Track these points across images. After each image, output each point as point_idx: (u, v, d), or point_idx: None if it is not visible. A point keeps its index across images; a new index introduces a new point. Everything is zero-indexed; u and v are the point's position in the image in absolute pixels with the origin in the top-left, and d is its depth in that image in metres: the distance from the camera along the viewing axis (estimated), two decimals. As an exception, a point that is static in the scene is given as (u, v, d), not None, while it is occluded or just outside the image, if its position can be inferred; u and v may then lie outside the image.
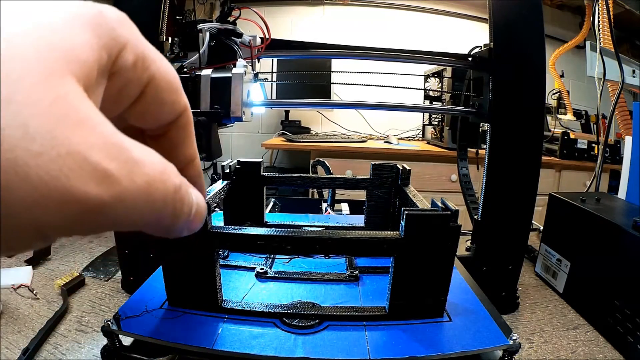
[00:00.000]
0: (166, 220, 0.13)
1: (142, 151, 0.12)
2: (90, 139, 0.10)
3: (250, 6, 0.52)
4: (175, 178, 0.13)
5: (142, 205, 0.12)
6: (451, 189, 1.80)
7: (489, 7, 0.55)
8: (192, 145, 0.18)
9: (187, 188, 0.14)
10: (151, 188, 0.12)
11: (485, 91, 0.56)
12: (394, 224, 0.50)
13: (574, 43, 1.77)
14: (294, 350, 0.29)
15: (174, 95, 0.16)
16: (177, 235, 0.15)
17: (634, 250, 0.49)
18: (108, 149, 0.11)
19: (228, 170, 0.48)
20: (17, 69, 0.10)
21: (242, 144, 2.44)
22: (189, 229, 0.15)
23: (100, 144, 0.11)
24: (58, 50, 0.11)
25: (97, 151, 0.11)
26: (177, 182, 0.13)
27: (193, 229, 0.15)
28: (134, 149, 0.12)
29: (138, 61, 0.14)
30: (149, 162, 0.12)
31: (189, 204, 0.14)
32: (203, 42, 0.47)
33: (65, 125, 0.10)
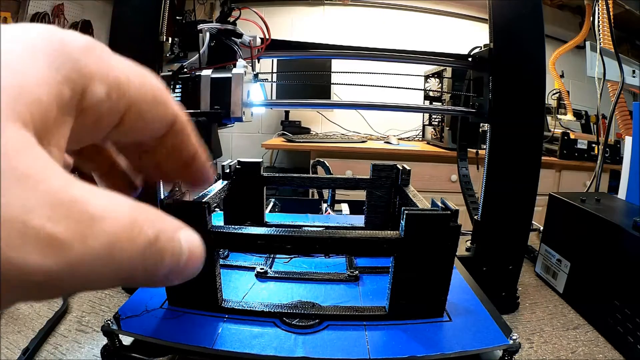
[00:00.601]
0: (139, 278, 0.11)
1: (104, 202, 0.10)
2: (31, 199, 0.09)
3: (250, 6, 0.52)
4: (148, 229, 0.11)
5: (102, 270, 0.10)
6: (451, 189, 1.80)
7: (489, 7, 0.55)
8: (193, 144, 0.17)
9: (172, 235, 0.12)
10: (114, 249, 0.10)
11: (485, 91, 0.56)
12: (394, 224, 0.50)
13: (574, 43, 1.77)
14: (294, 350, 0.29)
15: (161, 109, 0.15)
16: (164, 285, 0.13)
17: (634, 250, 0.49)
18: (55, 208, 0.09)
19: (228, 170, 0.48)
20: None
21: (242, 144, 2.44)
22: (181, 278, 0.13)
23: (44, 203, 0.09)
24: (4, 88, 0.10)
25: (40, 213, 0.09)
26: (151, 233, 0.11)
27: (186, 276, 0.13)
28: (91, 202, 0.10)
29: (111, 91, 0.13)
30: (112, 216, 0.10)
31: (174, 254, 0.12)
32: (203, 42, 0.47)
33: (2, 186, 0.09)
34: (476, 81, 0.60)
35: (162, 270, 0.12)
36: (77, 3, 2.20)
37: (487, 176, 0.56)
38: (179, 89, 0.45)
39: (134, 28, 0.53)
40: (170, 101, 0.15)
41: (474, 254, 0.60)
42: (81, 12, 2.23)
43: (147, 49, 0.52)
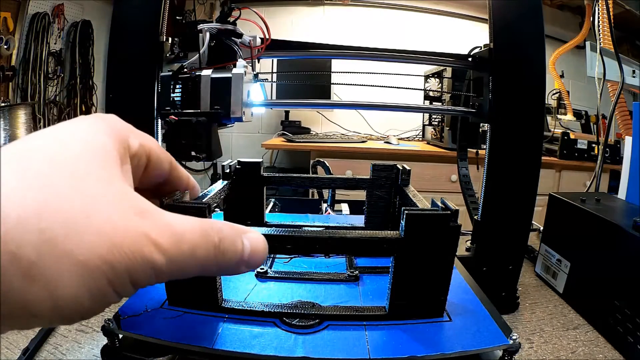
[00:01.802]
0: (212, 268, 0.18)
1: (184, 222, 0.17)
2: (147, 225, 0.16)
3: (250, 6, 0.52)
4: (213, 236, 0.18)
5: (188, 263, 0.17)
6: (451, 189, 1.80)
7: (489, 7, 0.55)
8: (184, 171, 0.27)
9: (232, 239, 0.19)
10: (194, 250, 0.17)
11: (485, 91, 0.56)
12: (394, 224, 0.50)
13: (574, 43, 1.77)
14: (294, 350, 0.29)
15: (163, 151, 0.23)
16: (236, 273, 0.20)
17: (634, 250, 0.49)
18: (160, 228, 0.16)
19: (228, 170, 0.48)
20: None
21: (242, 144, 2.44)
22: (249, 268, 0.20)
23: (156, 226, 0.16)
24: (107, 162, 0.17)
25: (155, 231, 0.16)
26: (216, 239, 0.18)
27: (252, 267, 0.20)
28: (177, 223, 0.17)
29: (142, 141, 0.21)
30: (189, 230, 0.17)
31: (236, 251, 0.19)
32: (203, 42, 0.47)
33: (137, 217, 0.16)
34: (476, 81, 0.60)
35: (228, 263, 0.19)
36: (77, 3, 2.20)
37: (487, 176, 0.56)
38: (179, 89, 0.45)
39: (134, 28, 0.53)
40: (162, 148, 0.24)
41: (474, 254, 0.60)
42: (81, 12, 2.23)
43: (147, 49, 0.52)
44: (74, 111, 2.18)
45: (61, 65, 2.15)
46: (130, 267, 0.15)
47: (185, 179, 0.27)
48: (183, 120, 0.43)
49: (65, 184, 0.14)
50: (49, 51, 2.05)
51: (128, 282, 0.15)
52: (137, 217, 0.16)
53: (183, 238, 0.17)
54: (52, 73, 2.10)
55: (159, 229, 0.16)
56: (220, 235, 0.18)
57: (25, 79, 1.97)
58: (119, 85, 0.54)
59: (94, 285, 0.14)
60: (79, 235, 0.14)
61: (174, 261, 0.16)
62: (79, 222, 0.14)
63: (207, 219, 0.19)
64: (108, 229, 0.14)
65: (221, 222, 0.19)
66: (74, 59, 2.19)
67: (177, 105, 0.45)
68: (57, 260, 0.13)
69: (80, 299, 0.14)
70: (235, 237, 0.19)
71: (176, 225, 0.17)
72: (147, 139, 0.22)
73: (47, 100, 2.07)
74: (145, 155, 0.21)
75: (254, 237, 0.20)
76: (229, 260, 0.18)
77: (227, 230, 0.19)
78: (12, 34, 1.89)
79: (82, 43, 2.20)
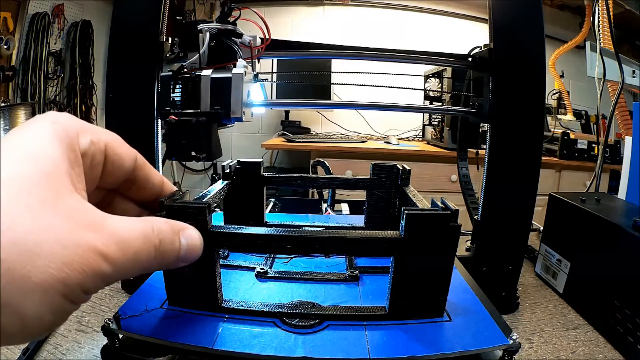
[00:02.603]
0: (153, 267, 0.20)
1: (128, 226, 0.18)
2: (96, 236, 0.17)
3: (250, 6, 0.52)
4: (154, 239, 0.19)
5: (133, 267, 0.18)
6: (451, 189, 1.80)
7: (489, 7, 0.55)
8: (156, 172, 0.26)
9: (171, 239, 0.20)
10: (137, 255, 0.18)
11: (485, 91, 0.56)
12: (394, 224, 0.50)
13: (574, 43, 1.77)
14: (294, 350, 0.29)
15: (125, 147, 0.23)
16: (173, 268, 0.22)
17: (634, 250, 0.49)
18: (108, 239, 0.17)
19: (228, 170, 0.48)
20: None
21: (242, 144, 2.44)
22: (185, 262, 0.22)
23: (103, 237, 0.17)
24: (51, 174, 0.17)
25: (102, 243, 0.17)
26: (157, 241, 0.19)
27: (187, 262, 0.22)
28: (122, 230, 0.18)
29: (93, 138, 0.20)
30: (133, 236, 0.18)
31: (173, 250, 0.21)
32: (203, 42, 0.47)
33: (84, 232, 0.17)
34: (476, 81, 0.60)
35: (167, 261, 0.20)
36: (77, 3, 2.20)
37: (487, 176, 0.56)
38: (179, 89, 0.45)
39: (134, 28, 0.53)
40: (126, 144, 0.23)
41: (474, 254, 0.60)
42: (81, 12, 2.23)
43: (147, 49, 0.52)
44: (73, 111, 2.18)
45: (61, 65, 2.15)
46: (81, 281, 0.16)
47: (158, 182, 0.26)
48: (183, 120, 0.43)
49: (16, 212, 0.15)
50: (49, 51, 2.05)
51: (81, 292, 0.17)
52: (84, 231, 0.17)
53: (128, 245, 0.18)
54: (52, 73, 2.10)
55: (105, 240, 0.17)
56: (160, 236, 0.20)
57: (25, 79, 1.97)
58: (119, 85, 0.54)
59: (51, 302, 0.16)
60: (32, 260, 0.15)
61: (119, 268, 0.17)
62: (31, 249, 0.15)
63: (149, 219, 0.20)
64: (58, 249, 0.16)
65: (161, 222, 0.20)
66: (74, 59, 2.19)
67: (177, 105, 0.45)
68: (19, 286, 0.15)
69: (42, 315, 0.16)
70: (173, 236, 0.21)
71: (122, 233, 0.18)
72: (101, 134, 0.21)
73: (47, 100, 2.07)
74: (100, 151, 0.21)
75: (191, 234, 0.22)
76: (168, 259, 0.20)
77: (166, 230, 0.20)
78: (12, 34, 1.89)
79: (82, 43, 2.20)
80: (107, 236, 0.17)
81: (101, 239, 0.17)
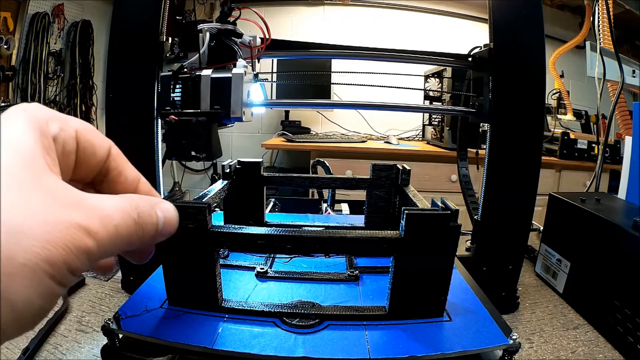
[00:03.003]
0: (135, 241, 0.20)
1: (108, 205, 0.19)
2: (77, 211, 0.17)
3: (250, 6, 0.52)
4: (132, 212, 0.19)
5: (115, 241, 0.18)
6: (451, 189, 1.80)
7: (489, 7, 0.55)
8: (132, 167, 0.25)
9: (148, 212, 0.20)
10: (119, 229, 0.18)
11: (485, 91, 0.56)
12: (394, 224, 0.50)
13: (574, 43, 1.77)
14: (294, 350, 0.29)
15: (98, 135, 0.22)
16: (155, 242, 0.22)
17: (634, 250, 0.49)
18: (88, 213, 0.17)
19: (228, 170, 0.48)
20: None
21: (242, 144, 2.44)
22: (163, 236, 0.22)
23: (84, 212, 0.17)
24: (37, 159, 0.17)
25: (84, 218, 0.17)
26: (135, 214, 0.19)
27: (166, 235, 0.22)
28: (103, 207, 0.18)
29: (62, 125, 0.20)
30: (113, 210, 0.18)
31: (153, 223, 0.21)
32: (203, 42, 0.47)
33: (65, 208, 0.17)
34: (476, 81, 0.60)
35: (148, 235, 0.20)
36: (77, 3, 2.20)
37: (487, 176, 0.56)
38: (179, 89, 0.45)
39: (134, 28, 0.53)
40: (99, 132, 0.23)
41: (474, 254, 0.60)
42: (81, 12, 2.23)
43: (147, 49, 0.52)
44: (73, 111, 2.18)
45: (61, 65, 2.15)
46: (67, 258, 0.16)
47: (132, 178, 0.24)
48: (183, 120, 0.43)
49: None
50: (49, 51, 2.05)
51: (66, 272, 0.16)
52: (66, 209, 0.17)
53: (109, 219, 0.18)
54: (52, 73, 2.10)
55: (87, 215, 0.17)
56: (138, 210, 0.20)
57: (25, 79, 1.97)
58: (119, 85, 0.54)
59: (38, 284, 0.15)
60: (17, 240, 0.15)
61: (102, 243, 0.17)
62: (16, 229, 0.15)
63: (125, 195, 0.20)
64: (40, 228, 0.16)
65: (137, 197, 0.21)
66: (74, 59, 2.19)
67: (177, 105, 0.45)
68: (5, 268, 0.14)
69: (31, 299, 0.15)
70: (150, 209, 0.21)
71: (103, 207, 0.18)
72: (71, 122, 0.21)
73: (47, 100, 2.07)
74: (71, 138, 0.21)
75: (166, 207, 0.22)
76: (148, 232, 0.20)
77: (143, 204, 0.20)
78: (12, 34, 1.89)
79: (82, 43, 2.20)
80: (87, 211, 0.17)
81: (82, 215, 0.17)
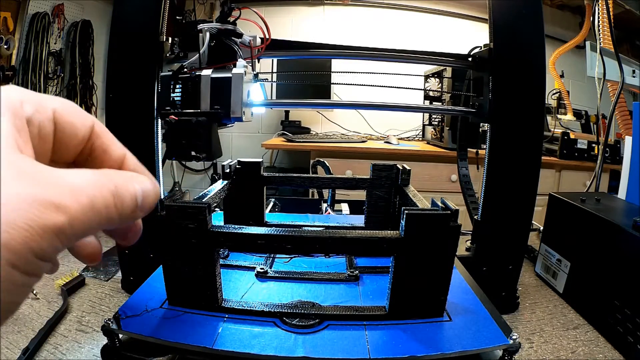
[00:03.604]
0: (114, 217, 0.17)
1: (79, 177, 0.17)
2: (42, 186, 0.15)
3: (250, 6, 0.52)
4: (109, 184, 0.17)
5: (91, 217, 0.16)
6: (451, 189, 1.80)
7: (489, 7, 0.55)
8: (118, 144, 0.23)
9: (125, 185, 0.18)
10: (93, 202, 0.16)
11: (485, 91, 0.56)
12: (394, 224, 0.50)
13: (574, 43, 1.77)
14: (294, 350, 0.29)
15: (79, 114, 0.21)
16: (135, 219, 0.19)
17: (634, 250, 0.49)
18: (56, 188, 0.15)
19: (228, 170, 0.48)
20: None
21: (242, 144, 2.44)
22: (143, 211, 0.20)
23: (50, 186, 0.15)
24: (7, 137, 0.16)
25: (51, 192, 0.15)
26: (112, 186, 0.17)
27: (146, 209, 0.20)
28: (73, 179, 0.16)
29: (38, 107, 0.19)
30: (85, 182, 0.16)
31: (132, 196, 0.18)
32: (203, 42, 0.47)
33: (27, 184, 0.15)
34: (476, 81, 0.60)
35: (127, 208, 0.18)
36: (77, 3, 2.20)
37: (487, 176, 0.56)
38: (179, 89, 0.45)
39: (134, 28, 0.53)
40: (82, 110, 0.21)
41: (474, 254, 0.60)
42: (81, 12, 2.23)
43: (147, 49, 0.52)
44: (74, 111, 2.18)
45: (61, 65, 2.15)
46: (31, 241, 0.14)
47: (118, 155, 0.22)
48: (183, 120, 0.43)
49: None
50: (49, 51, 2.05)
51: (33, 257, 0.14)
52: (31, 185, 0.15)
53: (81, 191, 0.16)
54: (52, 73, 2.10)
55: (55, 188, 0.15)
56: (114, 181, 0.18)
57: (25, 79, 1.97)
58: (119, 85, 0.54)
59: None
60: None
61: (75, 218, 0.15)
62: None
63: (99, 170, 0.18)
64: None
65: (112, 171, 0.19)
66: (74, 59, 2.19)
67: (177, 105, 0.45)
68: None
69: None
70: (127, 181, 0.19)
71: (72, 180, 0.16)
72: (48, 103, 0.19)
73: (47, 100, 2.07)
74: (47, 119, 0.19)
75: (142, 179, 0.20)
76: (128, 206, 0.18)
77: (118, 176, 0.18)
78: (12, 34, 1.89)
79: (82, 43, 2.20)
80: (55, 184, 0.15)
81: (50, 188, 0.15)
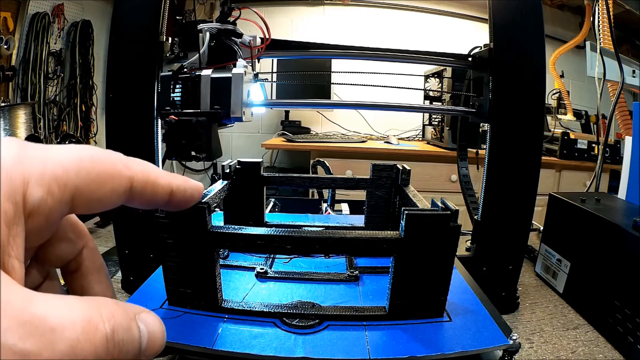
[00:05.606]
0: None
1: (61, 311, 0.13)
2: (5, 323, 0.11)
3: (250, 6, 0.52)
4: (104, 326, 0.13)
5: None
6: (451, 189, 1.80)
7: (489, 7, 0.55)
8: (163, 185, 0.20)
9: (128, 324, 0.14)
10: (76, 350, 0.12)
11: (485, 91, 0.56)
12: (394, 224, 0.50)
13: (574, 43, 1.77)
14: (294, 350, 0.29)
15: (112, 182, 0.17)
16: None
17: (634, 250, 0.49)
18: (23, 327, 0.11)
19: (228, 170, 0.48)
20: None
21: (242, 144, 2.44)
22: (150, 356, 0.15)
23: (14, 324, 0.11)
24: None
25: (13, 333, 0.11)
26: (108, 328, 0.13)
27: (149, 356, 0.15)
28: (50, 315, 0.12)
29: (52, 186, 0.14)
30: (68, 323, 0.12)
31: (133, 341, 0.14)
32: (203, 42, 0.47)
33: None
34: (476, 81, 0.60)
35: (128, 356, 0.14)
36: (77, 3, 2.20)
37: (487, 176, 0.56)
38: (179, 89, 0.45)
39: (134, 28, 0.53)
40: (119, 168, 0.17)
41: (474, 254, 0.60)
42: (81, 12, 2.23)
43: (147, 49, 0.52)
44: (73, 111, 2.18)
45: (61, 65, 2.15)
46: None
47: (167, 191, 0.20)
48: (183, 120, 0.43)
49: None
50: (49, 51, 2.05)
51: None
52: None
53: (60, 336, 0.12)
54: (52, 73, 2.10)
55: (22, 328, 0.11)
56: (112, 322, 0.14)
57: (25, 79, 1.97)
58: (119, 85, 0.54)
59: None
60: None
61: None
62: None
63: (95, 299, 0.14)
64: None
65: (112, 304, 0.15)
66: (74, 59, 2.19)
67: (177, 105, 0.45)
68: None
69: None
70: (129, 322, 0.15)
71: (49, 318, 0.12)
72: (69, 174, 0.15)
73: (47, 100, 2.07)
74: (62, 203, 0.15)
75: (149, 320, 0.16)
76: (126, 353, 0.14)
77: (119, 315, 0.14)
78: (12, 34, 1.89)
79: (82, 43, 2.20)
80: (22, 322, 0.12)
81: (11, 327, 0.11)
